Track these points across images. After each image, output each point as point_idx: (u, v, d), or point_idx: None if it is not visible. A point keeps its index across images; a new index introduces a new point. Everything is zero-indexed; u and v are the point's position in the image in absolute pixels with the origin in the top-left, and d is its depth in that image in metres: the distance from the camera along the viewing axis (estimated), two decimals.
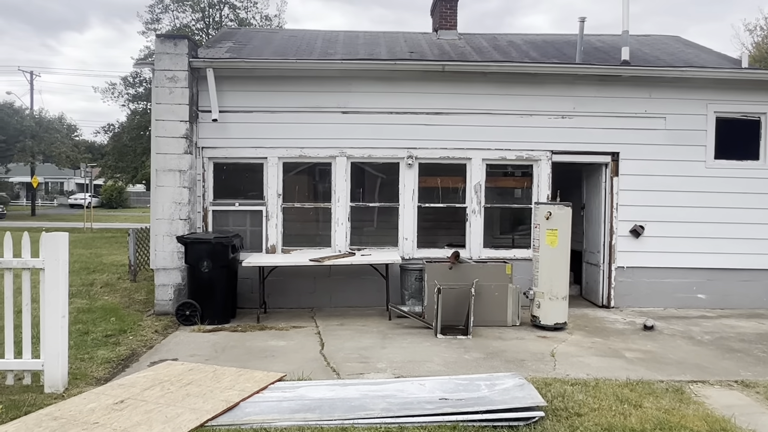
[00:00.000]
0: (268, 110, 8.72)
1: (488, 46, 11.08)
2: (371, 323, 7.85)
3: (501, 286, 7.70)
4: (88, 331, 7.10)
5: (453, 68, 8.74)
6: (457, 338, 7.03)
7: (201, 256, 7.69)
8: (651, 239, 9.01)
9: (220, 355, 6.34)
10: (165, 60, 8.18)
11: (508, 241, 9.48)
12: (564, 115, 9.01)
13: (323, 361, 6.12)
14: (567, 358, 6.27)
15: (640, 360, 6.28)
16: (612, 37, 12.02)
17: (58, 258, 5.07)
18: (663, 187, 8.98)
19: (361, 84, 8.81)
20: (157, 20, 23.53)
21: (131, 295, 9.69)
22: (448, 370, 5.80)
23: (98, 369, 5.73)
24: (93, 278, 11.31)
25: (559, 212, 7.54)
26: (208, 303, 7.71)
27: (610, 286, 9.07)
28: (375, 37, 11.98)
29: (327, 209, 8.93)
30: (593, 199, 9.55)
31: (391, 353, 6.38)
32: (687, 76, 8.90)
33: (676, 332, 7.59)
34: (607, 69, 8.98)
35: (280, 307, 8.70)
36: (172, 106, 8.18)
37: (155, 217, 8.27)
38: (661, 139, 9.03)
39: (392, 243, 9.00)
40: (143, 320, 7.86)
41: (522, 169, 9.29)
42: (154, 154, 8.26)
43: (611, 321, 8.20)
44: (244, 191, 8.94)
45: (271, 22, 24.87)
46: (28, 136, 36.03)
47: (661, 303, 9.06)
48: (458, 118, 8.92)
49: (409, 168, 8.87)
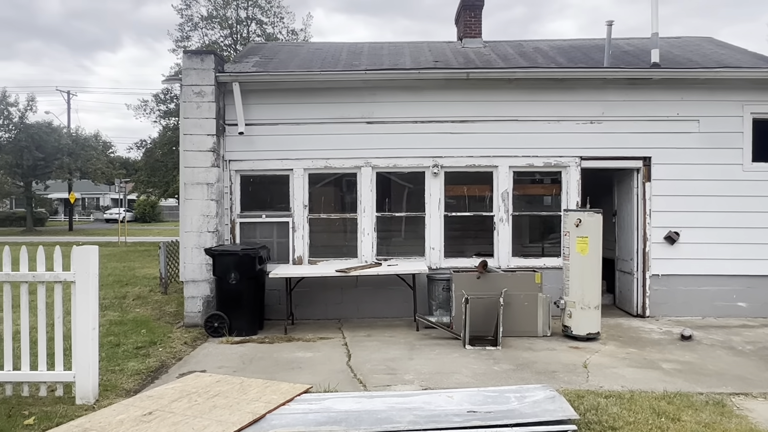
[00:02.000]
0: (294, 122, 8.78)
1: (514, 53, 10.97)
2: (399, 334, 7.77)
3: (530, 295, 7.54)
4: (119, 343, 7.21)
5: (477, 75, 8.66)
6: (486, 349, 6.90)
7: (228, 268, 7.74)
8: (686, 246, 8.72)
9: (248, 366, 6.35)
10: (192, 75, 8.33)
11: (537, 249, 9.31)
12: (593, 120, 8.83)
13: (350, 372, 6.07)
14: (600, 370, 6.07)
15: (678, 371, 6.05)
16: (641, 41, 11.77)
17: (89, 271, 5.15)
18: (698, 191, 8.70)
19: (385, 94, 8.81)
20: (186, 38, 24.14)
21: (162, 308, 9.82)
22: (476, 381, 5.68)
23: (128, 380, 5.79)
24: (125, 291, 11.53)
25: (589, 219, 7.36)
26: (236, 315, 7.75)
27: (644, 295, 8.79)
28: (399, 47, 12.00)
29: (353, 220, 8.91)
30: (625, 206, 9.31)
31: (418, 365, 6.29)
32: (721, 77, 8.64)
33: (716, 342, 7.30)
34: (636, 72, 8.78)
35: (307, 318, 8.69)
36: (199, 120, 8.31)
37: (184, 230, 8.37)
38: (695, 143, 8.77)
39: (419, 253, 8.92)
40: (173, 332, 7.94)
41: (550, 175, 9.13)
42: (183, 168, 8.39)
43: (647, 331, 7.94)
44: (270, 203, 9.01)
45: (297, 36, 25.21)
46: (65, 153, 37.21)
47: (699, 312, 8.75)
48: (484, 126, 8.83)
49: (435, 177, 8.80)
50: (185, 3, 24.31)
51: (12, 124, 37.22)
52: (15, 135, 36.86)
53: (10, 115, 37.06)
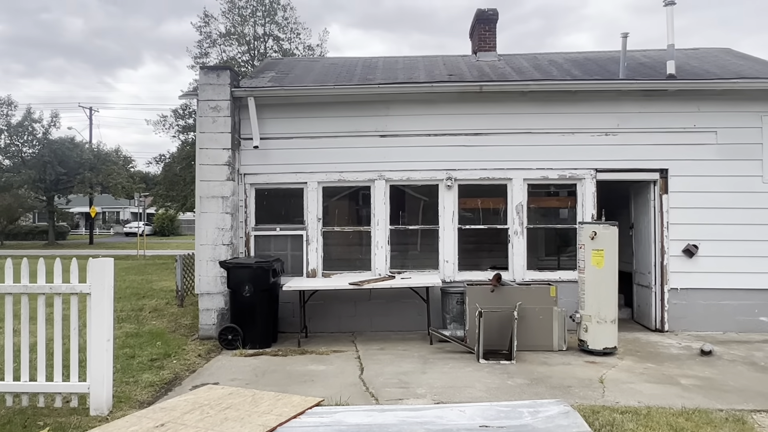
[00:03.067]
0: (308, 136, 8.86)
1: (528, 66, 10.96)
2: (412, 347, 7.72)
3: (545, 309, 7.46)
4: (134, 355, 7.27)
5: (491, 88, 8.67)
6: (500, 363, 6.82)
7: (242, 280, 7.79)
8: (706, 259, 8.56)
9: (260, 379, 6.35)
10: (208, 90, 8.46)
11: (553, 262, 9.21)
12: (608, 132, 8.76)
13: (362, 386, 6.04)
14: (617, 385, 5.96)
15: (697, 387, 5.91)
16: (658, 52, 11.69)
17: (104, 283, 5.22)
18: (717, 204, 8.56)
19: (399, 107, 8.85)
20: (205, 54, 24.56)
21: (178, 320, 9.90)
22: (490, 396, 5.61)
23: (142, 392, 5.83)
24: (142, 303, 11.64)
25: (604, 232, 7.27)
26: (250, 327, 7.77)
27: (663, 309, 8.64)
28: (414, 61, 12.07)
29: (367, 233, 8.92)
30: (642, 218, 9.19)
31: (431, 378, 6.24)
32: (739, 87, 8.53)
33: (737, 358, 7.13)
34: (651, 84, 8.72)
35: (321, 331, 8.69)
36: (215, 135, 8.42)
37: (199, 243, 8.45)
38: (712, 154, 8.65)
39: (433, 266, 8.88)
40: (187, 344, 7.99)
41: (565, 188, 9.06)
42: (198, 182, 8.49)
43: (665, 346, 7.78)
44: (285, 216, 9.06)
45: (313, 51, 25.52)
46: (87, 168, 37.95)
47: (719, 327, 8.56)
48: (498, 139, 8.81)
49: (449, 190, 8.79)
50: (204, 20, 24.82)
51: (36, 140, 38.15)
52: (38, 150, 37.76)
53: (34, 131, 38.00)
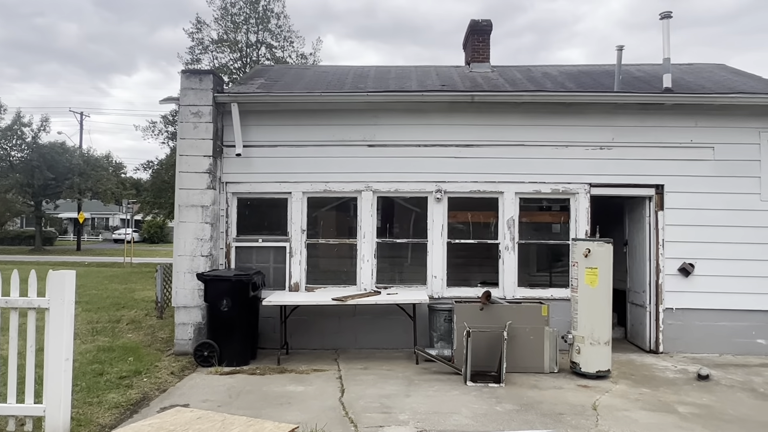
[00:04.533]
0: (293, 144, 8.54)
1: (522, 77, 10.73)
2: (397, 367, 7.37)
3: (537, 329, 7.14)
4: (103, 372, 6.88)
5: (483, 99, 8.41)
6: (488, 386, 6.48)
7: (220, 294, 7.43)
8: (702, 278, 8.29)
9: (234, 401, 5.98)
10: (190, 95, 8.15)
11: (545, 279, 8.92)
12: (603, 146, 8.51)
13: (341, 410, 5.68)
14: (611, 412, 5.64)
15: (696, 416, 5.60)
16: (652, 67, 11.50)
17: (64, 298, 4.86)
18: (714, 221, 8.31)
19: (388, 117, 8.57)
20: (197, 61, 24.22)
21: (155, 333, 9.50)
22: (476, 423, 5.27)
23: (105, 415, 5.45)
24: (121, 315, 11.22)
25: (598, 249, 6.99)
26: (227, 343, 7.41)
27: (657, 330, 8.34)
28: (406, 71, 11.81)
29: (352, 245, 8.60)
30: (636, 235, 8.92)
31: (415, 402, 5.89)
32: (736, 102, 8.32)
33: (736, 383, 6.83)
34: (648, 97, 8.49)
35: (303, 348, 8.32)
36: (195, 141, 8.10)
37: (177, 254, 8.10)
38: (709, 170, 8.41)
39: (421, 281, 8.56)
40: (161, 360, 7.60)
41: (558, 203, 8.78)
42: (178, 189, 8.16)
43: (660, 369, 7.48)
44: (267, 227, 8.73)
45: (306, 60, 25.25)
46: (76, 173, 37.41)
47: (716, 348, 8.27)
48: (489, 151, 8.54)
49: (438, 202, 8.49)
50: (196, 26, 24.51)
51: (25, 144, 37.61)
52: (27, 155, 37.23)
53: (23, 135, 37.47)
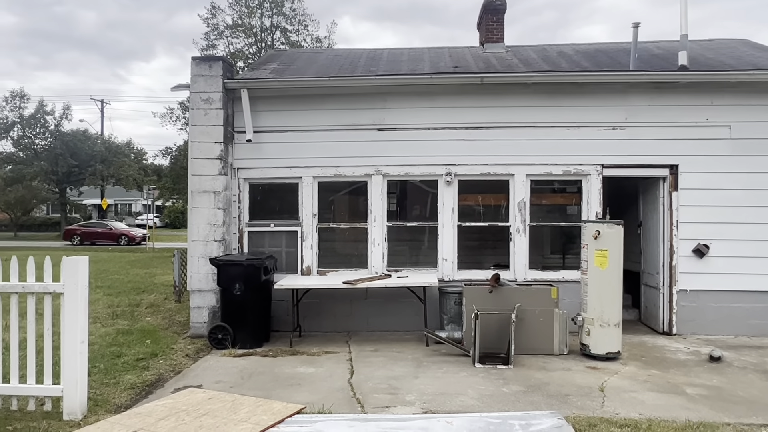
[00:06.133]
0: (303, 129, 8.58)
1: (537, 57, 10.58)
2: (407, 349, 7.45)
3: (546, 311, 7.14)
4: (121, 354, 7.09)
5: (492, 80, 8.32)
6: (496, 368, 6.52)
7: (233, 278, 7.56)
8: (717, 259, 8.18)
9: (246, 382, 6.13)
10: (200, 82, 8.22)
11: (557, 261, 8.88)
12: (615, 126, 8.38)
13: (350, 391, 5.78)
14: (618, 394, 5.65)
15: (704, 397, 5.58)
16: (671, 44, 11.20)
17: (77, 282, 5.01)
18: (729, 202, 8.16)
19: (398, 100, 8.54)
20: (212, 46, 24.30)
21: (172, 317, 9.72)
22: (482, 404, 5.33)
23: (121, 395, 5.63)
24: (140, 299, 11.50)
25: (608, 231, 6.93)
26: (240, 326, 7.56)
27: (671, 311, 8.27)
28: (419, 53, 11.72)
29: (363, 229, 8.65)
30: (650, 216, 8.82)
31: (422, 384, 5.97)
32: (754, 79, 8.10)
33: (748, 365, 6.76)
34: (662, 75, 8.32)
35: (315, 331, 8.45)
36: (206, 128, 8.19)
37: (191, 239, 8.25)
38: (725, 150, 8.23)
39: (431, 264, 8.60)
40: (177, 343, 7.79)
41: (570, 184, 8.70)
42: (190, 176, 8.27)
43: (672, 350, 7.43)
44: (279, 212, 8.82)
45: (321, 43, 25.18)
46: (98, 160, 38.11)
47: (731, 330, 8.18)
48: (500, 133, 8.48)
49: (448, 185, 8.48)
50: (211, 12, 24.58)
51: (48, 132, 38.37)
52: (51, 143, 37.99)
53: (46, 124, 38.22)
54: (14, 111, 37.64)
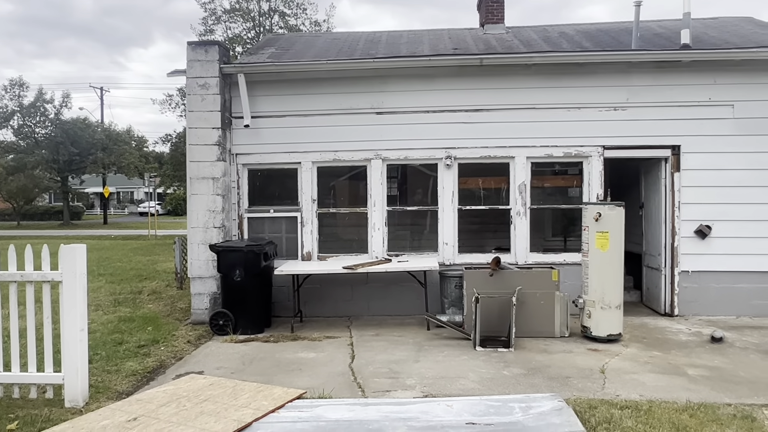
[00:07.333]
0: (301, 114, 8.51)
1: (537, 38, 10.43)
2: (408, 333, 7.46)
3: (547, 294, 7.12)
4: (122, 341, 7.10)
5: (492, 61, 8.21)
6: (497, 351, 6.52)
7: (233, 264, 7.55)
8: (719, 240, 8.13)
9: (247, 367, 6.14)
10: (196, 67, 8.13)
11: (558, 244, 8.84)
12: (617, 107, 8.29)
13: (350, 375, 5.79)
14: (619, 375, 5.64)
15: (705, 378, 5.57)
16: (674, 22, 11.03)
17: (75, 270, 4.99)
18: (732, 182, 8.09)
19: (396, 83, 8.45)
20: (210, 32, 24.08)
21: (174, 303, 9.74)
22: (482, 388, 5.33)
23: (122, 382, 5.65)
24: (143, 286, 11.52)
25: (609, 213, 6.88)
26: (241, 312, 7.57)
27: (673, 293, 8.25)
28: (419, 35, 11.58)
29: (363, 214, 8.61)
30: (652, 198, 8.75)
31: (423, 368, 5.97)
32: (758, 57, 7.97)
33: (750, 345, 6.75)
34: (663, 54, 8.19)
35: (317, 316, 8.46)
36: (203, 113, 8.12)
37: (190, 225, 8.23)
38: (728, 129, 8.14)
39: (432, 248, 8.57)
40: (179, 330, 7.80)
41: (571, 166, 8.63)
42: (188, 162, 8.23)
43: (674, 332, 7.42)
44: (279, 197, 8.78)
45: (320, 27, 24.92)
46: (99, 148, 38.02)
47: (733, 311, 8.16)
48: (500, 115, 8.39)
49: (448, 169, 8.42)
50: None
51: (48, 121, 38.25)
52: (51, 131, 37.89)
53: (46, 112, 38.08)
54: (14, 100, 37.52)
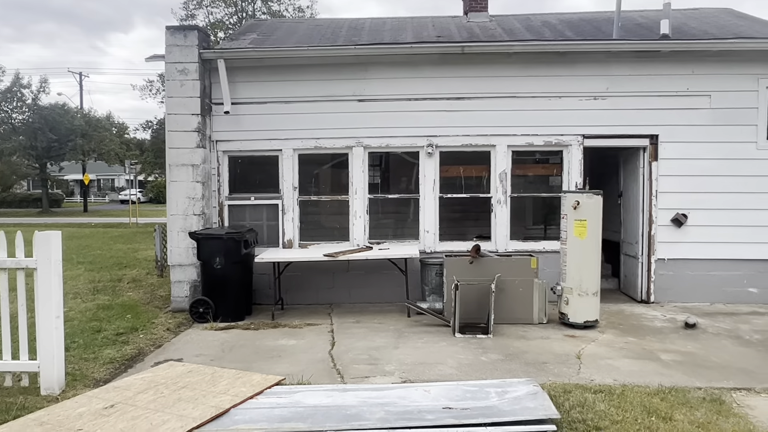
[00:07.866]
0: (282, 101, 8.44)
1: (521, 27, 10.46)
2: (388, 320, 7.50)
3: (526, 281, 7.20)
4: (101, 329, 7.04)
5: (473, 50, 8.21)
6: (476, 337, 6.60)
7: (213, 252, 7.51)
8: (695, 228, 8.27)
9: (227, 354, 6.14)
10: (175, 52, 8.02)
11: (538, 232, 8.93)
12: (597, 96, 8.36)
13: (330, 362, 5.82)
14: (594, 361, 5.75)
15: (678, 363, 5.70)
16: (656, 12, 11.11)
17: (50, 257, 4.93)
18: (708, 171, 8.22)
19: (378, 70, 8.42)
20: (191, 17, 23.73)
21: (154, 291, 9.67)
22: (460, 373, 5.39)
23: (100, 370, 5.61)
24: (122, 274, 11.41)
25: (588, 201, 6.96)
26: (222, 300, 7.54)
27: (649, 280, 8.39)
28: (402, 23, 11.53)
29: (344, 202, 8.60)
30: (631, 186, 8.87)
31: (402, 354, 6.02)
32: (735, 48, 8.08)
33: (722, 331, 6.91)
34: (642, 44, 8.27)
35: (298, 303, 8.47)
36: (183, 99, 8.02)
37: (170, 213, 8.15)
38: (705, 119, 8.26)
39: (413, 236, 8.60)
40: (158, 317, 7.76)
41: (552, 155, 8.70)
42: (168, 149, 8.13)
43: (649, 318, 7.56)
44: (260, 185, 8.73)
45: (303, 13, 24.68)
46: (78, 135, 37.34)
47: (707, 298, 8.33)
48: (481, 103, 8.41)
49: (430, 157, 8.43)
50: None
51: (25, 106, 37.42)
52: (29, 117, 37.11)
53: (23, 97, 37.25)
54: None
